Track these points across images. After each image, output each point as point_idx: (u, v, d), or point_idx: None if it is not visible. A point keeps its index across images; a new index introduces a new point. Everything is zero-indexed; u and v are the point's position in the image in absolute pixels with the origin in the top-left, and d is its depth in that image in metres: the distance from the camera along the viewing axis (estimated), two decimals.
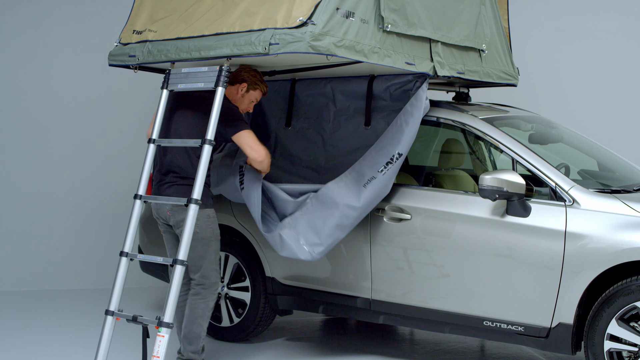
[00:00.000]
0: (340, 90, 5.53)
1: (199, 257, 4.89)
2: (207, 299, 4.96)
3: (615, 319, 4.47)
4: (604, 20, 8.48)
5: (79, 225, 8.20)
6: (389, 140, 5.04)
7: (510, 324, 4.81)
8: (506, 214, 4.80)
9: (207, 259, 4.92)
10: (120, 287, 4.74)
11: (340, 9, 4.46)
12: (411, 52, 4.99)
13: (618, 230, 4.49)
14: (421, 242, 5.10)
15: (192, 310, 4.94)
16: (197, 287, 4.96)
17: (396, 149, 4.97)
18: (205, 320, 4.97)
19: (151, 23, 5.23)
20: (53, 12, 8.14)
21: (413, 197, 5.20)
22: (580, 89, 8.57)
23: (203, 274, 4.94)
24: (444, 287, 5.04)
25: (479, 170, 5.90)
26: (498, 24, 5.90)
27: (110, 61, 5.43)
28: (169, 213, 4.87)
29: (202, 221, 4.83)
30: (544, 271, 4.66)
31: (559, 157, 5.47)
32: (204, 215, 4.86)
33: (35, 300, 7.53)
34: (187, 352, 4.96)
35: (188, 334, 4.94)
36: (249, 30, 4.56)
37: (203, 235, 4.87)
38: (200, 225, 4.82)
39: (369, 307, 5.34)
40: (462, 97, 6.15)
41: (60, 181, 8.19)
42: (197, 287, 4.96)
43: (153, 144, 4.90)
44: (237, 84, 5.09)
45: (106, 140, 8.28)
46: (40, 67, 8.14)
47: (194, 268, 4.93)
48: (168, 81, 4.94)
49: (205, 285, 4.95)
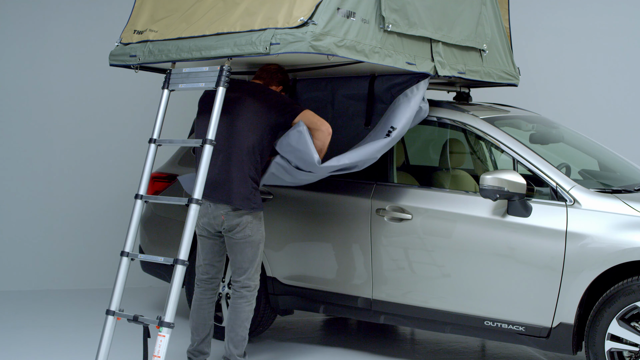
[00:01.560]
0: (340, 91, 5.53)
1: (247, 260, 4.89)
2: (252, 301, 4.96)
3: (616, 318, 4.47)
4: (605, 20, 8.48)
5: (80, 225, 8.20)
6: (385, 119, 5.04)
7: (511, 324, 4.81)
8: (507, 214, 4.80)
9: (255, 262, 4.92)
10: (121, 287, 4.74)
11: (341, 8, 4.46)
12: (412, 52, 4.99)
13: (619, 230, 4.49)
14: (422, 242, 5.10)
15: (239, 314, 4.93)
16: (242, 290, 4.94)
17: (391, 123, 4.96)
18: (249, 322, 4.98)
19: (152, 23, 5.22)
20: (53, 13, 8.14)
21: (414, 197, 5.20)
22: (581, 88, 8.57)
23: (249, 277, 4.93)
24: (445, 287, 5.04)
25: (479, 170, 5.90)
26: (499, 24, 5.90)
27: (111, 61, 5.42)
28: (224, 218, 4.83)
29: (254, 224, 4.84)
30: (545, 271, 4.66)
31: (560, 157, 5.47)
32: (256, 218, 4.86)
33: (36, 300, 7.53)
34: (234, 355, 4.94)
35: (235, 337, 4.93)
36: (250, 30, 4.56)
37: (254, 239, 4.87)
38: (253, 228, 4.84)
39: (369, 307, 5.34)
40: (463, 97, 6.15)
41: (61, 181, 8.19)
42: (242, 290, 4.94)
43: (154, 143, 4.90)
44: (273, 86, 5.12)
45: (107, 140, 8.28)
46: (40, 67, 8.14)
47: (239, 271, 4.92)
48: (169, 81, 4.94)
49: (250, 288, 4.94)
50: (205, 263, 5.08)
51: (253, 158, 4.82)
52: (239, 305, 4.93)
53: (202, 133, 4.82)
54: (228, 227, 4.84)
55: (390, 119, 5.01)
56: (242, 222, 4.81)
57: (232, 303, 4.96)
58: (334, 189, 5.49)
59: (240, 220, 4.81)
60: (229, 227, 4.84)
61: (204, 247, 5.05)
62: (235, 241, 4.85)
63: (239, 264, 4.90)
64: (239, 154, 4.80)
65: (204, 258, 5.08)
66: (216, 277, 5.11)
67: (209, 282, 5.11)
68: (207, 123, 4.66)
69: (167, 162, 6.56)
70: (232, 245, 4.89)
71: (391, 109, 5.08)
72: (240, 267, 4.91)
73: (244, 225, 4.81)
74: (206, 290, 5.11)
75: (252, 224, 4.83)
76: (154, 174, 6.36)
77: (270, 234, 5.64)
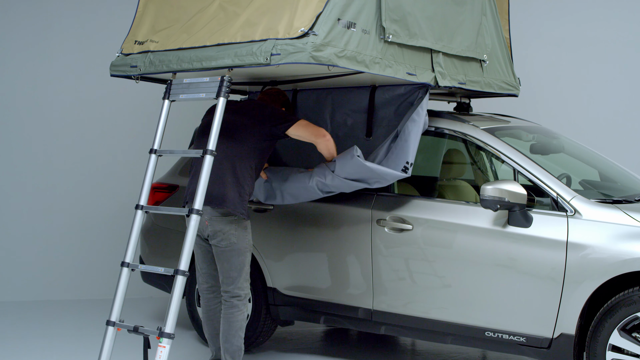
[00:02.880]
0: (340, 103, 5.54)
1: (234, 269, 4.90)
2: (242, 309, 4.96)
3: (617, 329, 4.46)
4: (605, 30, 8.49)
5: (80, 235, 8.20)
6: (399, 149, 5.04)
7: (512, 335, 4.80)
8: (508, 224, 4.80)
9: (243, 270, 4.93)
10: (122, 298, 4.73)
11: (342, 19, 4.46)
12: (412, 63, 5.00)
13: (620, 241, 4.48)
14: (423, 252, 5.10)
15: (232, 324, 4.93)
16: (232, 299, 4.94)
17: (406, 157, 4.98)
18: (243, 331, 4.98)
19: (153, 33, 5.23)
20: (54, 24, 8.16)
21: (414, 208, 5.20)
22: (581, 99, 8.58)
23: (238, 286, 4.93)
24: (446, 297, 5.03)
25: (480, 181, 5.89)
26: (499, 34, 5.91)
27: (112, 72, 5.43)
28: (207, 223, 4.86)
29: (239, 232, 4.86)
30: (546, 281, 4.65)
31: (561, 167, 5.46)
32: (240, 227, 4.87)
33: (37, 310, 7.52)
34: None
35: (230, 347, 4.92)
36: (251, 40, 4.56)
37: (240, 247, 4.88)
38: (238, 236, 4.85)
39: (370, 318, 5.33)
40: (464, 108, 6.16)
41: (62, 191, 8.19)
42: (232, 300, 4.94)
43: (154, 154, 4.90)
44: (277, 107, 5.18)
45: (107, 151, 8.29)
46: (41, 77, 8.16)
47: (227, 280, 4.92)
48: (170, 91, 4.95)
49: (240, 297, 4.94)
50: (203, 272, 5.12)
51: (246, 166, 4.87)
52: (231, 316, 4.93)
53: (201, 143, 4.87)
54: (212, 234, 4.87)
55: (405, 151, 4.98)
56: (224, 229, 4.83)
57: (224, 314, 4.96)
58: (334, 199, 5.49)
59: (223, 227, 4.82)
60: (213, 233, 4.86)
61: (197, 254, 5.10)
62: (221, 249, 4.88)
63: (227, 272, 4.90)
64: (231, 162, 4.85)
65: (200, 267, 5.13)
66: (216, 284, 5.13)
67: (210, 291, 5.13)
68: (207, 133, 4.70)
69: (167, 172, 6.56)
70: (219, 254, 4.91)
71: (404, 139, 5.03)
72: (229, 276, 4.92)
73: (226, 232, 4.83)
74: (210, 299, 5.15)
75: (236, 232, 4.84)
76: (155, 185, 6.37)
77: (270, 244, 5.64)
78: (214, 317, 5.15)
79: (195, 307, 6.03)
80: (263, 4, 4.63)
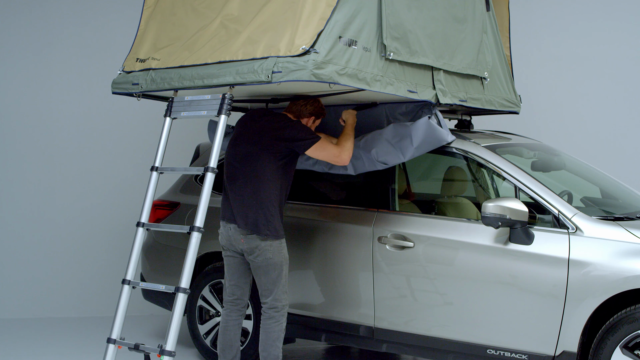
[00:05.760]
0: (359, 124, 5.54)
1: (271, 282, 4.95)
2: (280, 320, 5.00)
3: (620, 347, 4.44)
4: (606, 47, 8.51)
5: (81, 252, 8.19)
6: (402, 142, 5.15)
7: (513, 352, 4.78)
8: (509, 242, 4.79)
9: (279, 283, 4.96)
10: (123, 315, 4.73)
11: (343, 37, 4.48)
12: (413, 80, 5.01)
13: (621, 258, 4.47)
14: (424, 269, 5.09)
15: (269, 334, 4.98)
16: (269, 310, 4.99)
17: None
18: (281, 342, 5.01)
19: (154, 51, 5.25)
20: (56, 41, 8.19)
21: (416, 225, 5.19)
22: (582, 116, 8.58)
23: (275, 297, 4.97)
24: (447, 315, 5.01)
25: (481, 198, 5.89)
26: (500, 52, 5.92)
27: (114, 89, 5.44)
28: (243, 240, 4.90)
29: (274, 247, 4.90)
30: (548, 299, 4.64)
31: (562, 184, 5.46)
32: (274, 244, 4.91)
33: (38, 328, 7.50)
34: None
35: (267, 356, 4.98)
36: (252, 58, 4.58)
37: (275, 261, 4.92)
38: (273, 252, 4.89)
39: (371, 336, 5.32)
40: (465, 125, 6.16)
41: (63, 208, 8.19)
42: (269, 311, 4.99)
43: (155, 171, 4.91)
44: (305, 118, 5.17)
45: (109, 168, 8.30)
46: (43, 95, 8.18)
47: (265, 292, 4.98)
48: (171, 109, 4.96)
49: (277, 309, 4.98)
50: (231, 284, 5.14)
51: (270, 185, 4.88)
52: (269, 326, 4.99)
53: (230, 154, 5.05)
54: (249, 250, 4.91)
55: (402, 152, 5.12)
56: (260, 245, 4.87)
57: (262, 324, 5.03)
58: (335, 216, 5.49)
59: (259, 243, 4.86)
60: (249, 249, 4.90)
61: (229, 266, 5.12)
62: (257, 264, 4.93)
63: (264, 285, 4.96)
64: (255, 181, 4.87)
65: (230, 278, 5.15)
66: (241, 298, 5.17)
67: (234, 304, 5.17)
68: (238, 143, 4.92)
69: (169, 189, 6.56)
70: (256, 269, 4.96)
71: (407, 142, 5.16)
72: (266, 288, 4.97)
73: (262, 248, 4.87)
74: (232, 312, 5.18)
75: (272, 247, 4.88)
76: (156, 202, 6.37)
77: None
78: (230, 329, 5.17)
79: (196, 325, 6.02)
80: (264, 21, 4.65)
